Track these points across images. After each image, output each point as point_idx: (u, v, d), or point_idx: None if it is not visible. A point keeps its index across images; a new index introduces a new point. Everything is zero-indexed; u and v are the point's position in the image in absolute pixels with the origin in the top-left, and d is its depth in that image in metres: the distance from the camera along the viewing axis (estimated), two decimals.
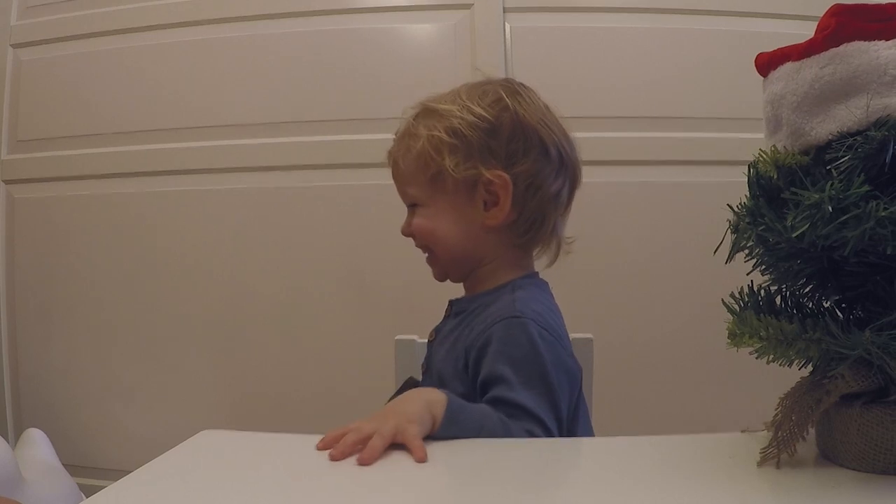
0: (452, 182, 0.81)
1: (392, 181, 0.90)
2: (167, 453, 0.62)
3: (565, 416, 0.76)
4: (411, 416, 0.61)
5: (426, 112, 0.85)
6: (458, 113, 0.81)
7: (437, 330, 0.92)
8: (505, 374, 0.73)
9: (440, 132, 0.81)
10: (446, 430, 0.64)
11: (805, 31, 0.56)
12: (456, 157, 0.81)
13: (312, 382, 1.74)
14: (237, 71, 1.81)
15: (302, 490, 0.56)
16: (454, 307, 0.89)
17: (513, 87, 0.85)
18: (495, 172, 0.80)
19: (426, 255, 0.89)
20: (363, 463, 0.57)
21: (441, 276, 0.89)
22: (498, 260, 0.85)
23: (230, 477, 0.59)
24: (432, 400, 0.64)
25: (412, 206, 0.87)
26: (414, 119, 0.86)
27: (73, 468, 1.70)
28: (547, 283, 0.90)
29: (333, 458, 0.58)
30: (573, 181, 0.87)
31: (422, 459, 0.58)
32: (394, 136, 0.90)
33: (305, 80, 1.79)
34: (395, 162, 0.87)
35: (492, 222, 0.82)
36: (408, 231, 0.87)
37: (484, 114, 0.81)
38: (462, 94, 0.84)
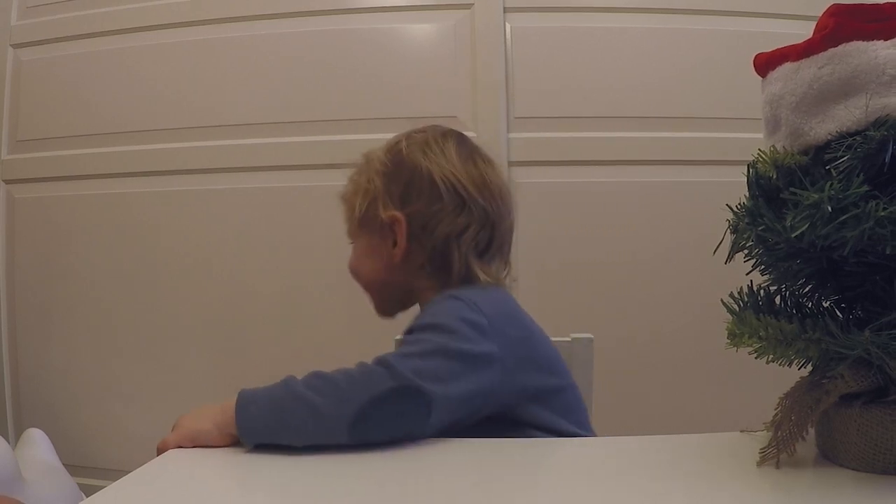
0: (365, 222, 0.90)
1: None
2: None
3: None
4: (188, 428, 0.69)
5: (363, 158, 0.95)
6: (368, 164, 0.92)
7: None
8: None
9: (359, 177, 0.92)
10: (243, 416, 0.66)
11: (804, 32, 0.56)
12: (364, 199, 0.90)
13: None
14: (237, 71, 1.81)
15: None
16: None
17: (423, 137, 0.91)
18: (390, 213, 0.88)
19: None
20: None
21: (379, 311, 0.97)
22: (428, 291, 0.89)
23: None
24: (227, 406, 0.68)
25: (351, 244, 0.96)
26: (357, 167, 0.96)
27: (73, 468, 1.70)
28: (499, 289, 0.90)
29: None
30: (484, 221, 0.88)
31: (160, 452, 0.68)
32: None
33: (305, 80, 1.79)
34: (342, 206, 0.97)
35: (396, 259, 0.88)
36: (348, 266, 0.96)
37: (384, 159, 0.90)
38: (382, 145, 0.94)
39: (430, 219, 0.87)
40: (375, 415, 0.65)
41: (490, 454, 0.64)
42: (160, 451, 0.68)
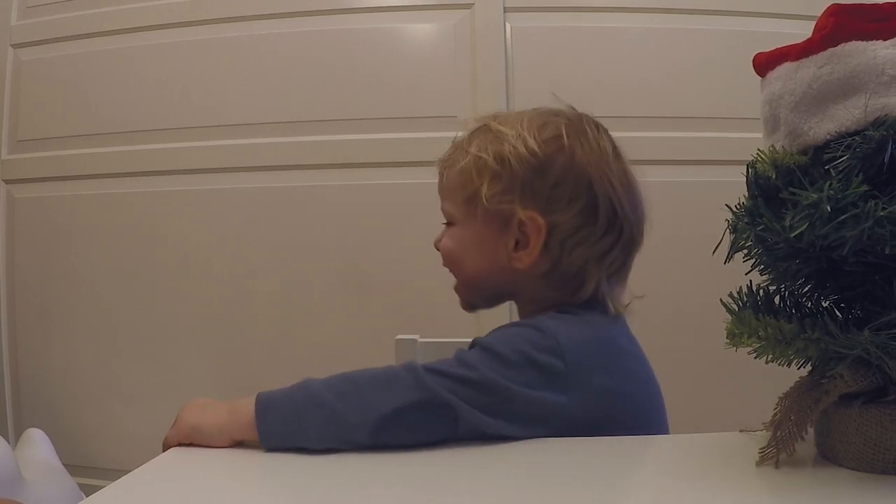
0: (484, 210, 0.75)
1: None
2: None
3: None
4: (188, 423, 0.67)
5: (483, 129, 0.79)
6: (512, 140, 0.75)
7: None
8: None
9: (487, 155, 0.75)
10: (263, 422, 0.64)
11: (803, 31, 0.56)
12: (495, 186, 0.75)
13: None
14: (237, 71, 1.81)
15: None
16: None
17: (580, 126, 0.78)
18: (530, 214, 0.74)
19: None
20: None
21: (465, 305, 0.83)
22: (537, 304, 0.78)
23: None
24: (237, 409, 0.66)
25: (447, 224, 0.81)
26: (470, 133, 0.80)
27: (73, 468, 1.70)
28: (611, 324, 0.78)
29: None
30: (629, 244, 0.79)
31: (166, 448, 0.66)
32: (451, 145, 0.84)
33: (305, 80, 1.79)
34: (441, 172, 0.82)
35: (518, 265, 0.75)
36: (437, 247, 0.82)
37: (536, 149, 0.74)
38: (525, 119, 0.78)
39: (575, 234, 0.74)
40: (398, 425, 0.61)
41: (489, 454, 0.64)
42: (165, 447, 0.68)
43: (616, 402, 0.70)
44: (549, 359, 0.65)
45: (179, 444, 0.67)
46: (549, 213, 0.74)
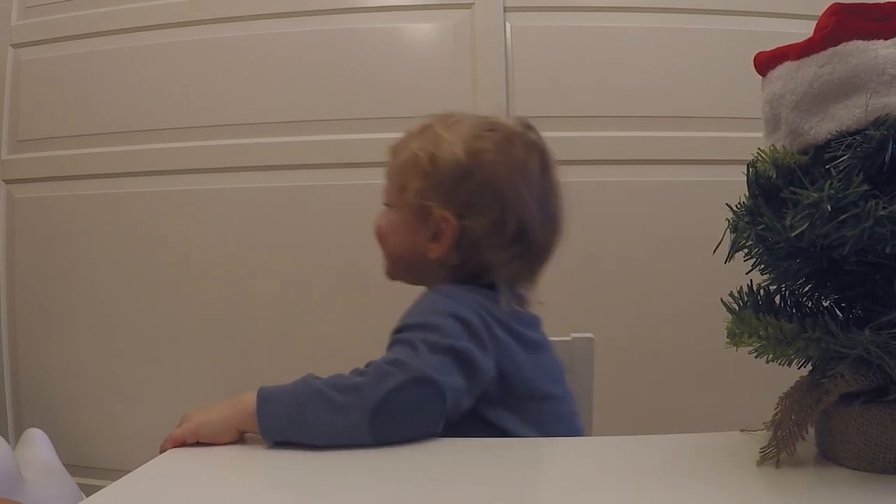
0: (411, 201, 0.84)
1: None
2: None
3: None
4: (194, 420, 0.68)
5: (428, 130, 0.87)
6: (446, 146, 0.83)
7: None
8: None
9: (423, 155, 0.84)
10: (264, 412, 0.65)
11: (804, 31, 0.56)
12: (422, 183, 0.83)
13: None
14: (237, 71, 1.81)
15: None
16: None
17: (510, 144, 0.84)
18: (446, 214, 0.82)
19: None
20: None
21: (388, 274, 0.92)
22: (441, 285, 0.85)
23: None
24: (241, 400, 0.68)
25: (385, 205, 0.91)
26: (419, 130, 0.88)
27: (73, 468, 1.70)
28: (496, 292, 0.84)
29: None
30: (535, 256, 0.85)
31: (163, 448, 0.67)
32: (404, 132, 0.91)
33: (305, 80, 1.79)
34: (389, 158, 0.90)
35: (431, 254, 0.84)
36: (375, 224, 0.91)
37: (463, 158, 0.82)
38: (465, 126, 0.86)
39: (483, 240, 0.82)
40: (394, 407, 0.64)
41: (489, 453, 0.64)
42: (163, 448, 0.68)
43: (506, 357, 0.77)
44: (469, 317, 0.74)
45: (184, 444, 0.67)
46: (462, 217, 0.82)
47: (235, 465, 0.62)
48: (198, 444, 0.66)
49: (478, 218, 0.81)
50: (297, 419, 0.64)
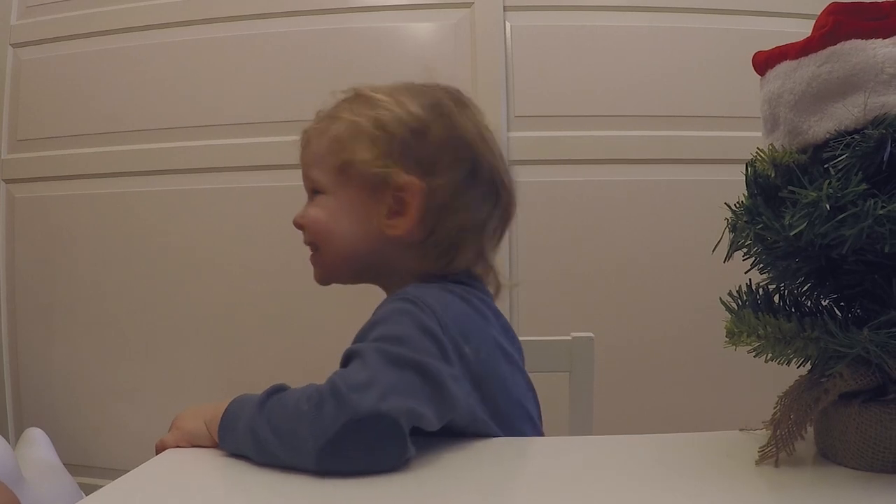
0: (359, 176, 0.73)
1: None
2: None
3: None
4: (177, 430, 0.68)
5: (357, 97, 0.77)
6: (390, 105, 0.73)
7: None
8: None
9: (364, 120, 0.73)
10: (224, 441, 0.62)
11: (802, 30, 0.56)
12: (372, 150, 0.72)
13: (314, 382, 1.74)
14: (237, 70, 1.81)
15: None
16: None
17: (457, 97, 0.77)
18: (409, 178, 0.71)
19: (311, 252, 0.79)
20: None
21: (322, 279, 0.80)
22: (407, 276, 0.75)
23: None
24: (217, 410, 0.64)
25: (313, 194, 0.79)
26: (340, 102, 0.79)
27: (73, 467, 1.70)
28: (475, 290, 0.75)
29: None
30: (506, 213, 0.77)
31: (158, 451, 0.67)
32: (315, 115, 0.82)
33: (305, 79, 1.79)
34: (308, 142, 0.80)
35: (392, 232, 0.72)
36: (300, 222, 0.78)
37: (418, 112, 0.72)
38: (400, 89, 0.76)
39: (454, 200, 0.72)
40: (341, 449, 0.56)
41: (489, 453, 0.64)
42: (158, 450, 0.68)
43: (477, 368, 0.67)
44: (434, 329, 0.63)
45: (177, 446, 0.67)
46: (429, 175, 0.72)
47: (234, 465, 0.62)
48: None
49: (446, 174, 0.72)
50: (256, 455, 0.60)
